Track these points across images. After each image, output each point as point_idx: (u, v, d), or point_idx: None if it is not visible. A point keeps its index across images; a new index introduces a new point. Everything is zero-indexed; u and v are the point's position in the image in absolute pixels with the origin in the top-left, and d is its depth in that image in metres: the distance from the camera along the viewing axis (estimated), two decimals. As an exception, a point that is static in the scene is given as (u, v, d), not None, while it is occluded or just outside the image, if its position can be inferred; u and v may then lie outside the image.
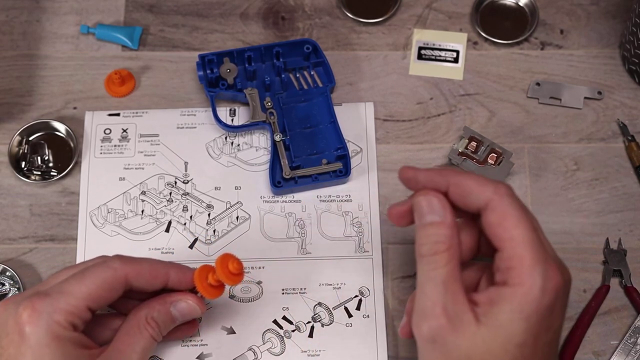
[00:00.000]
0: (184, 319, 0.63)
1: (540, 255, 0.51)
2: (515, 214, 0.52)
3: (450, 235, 0.54)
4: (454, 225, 0.54)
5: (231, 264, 0.59)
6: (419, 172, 0.57)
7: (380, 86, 0.78)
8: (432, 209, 0.55)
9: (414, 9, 0.81)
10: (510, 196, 0.53)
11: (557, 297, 0.51)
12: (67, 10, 0.81)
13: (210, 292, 0.61)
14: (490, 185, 0.53)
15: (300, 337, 0.69)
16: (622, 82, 0.78)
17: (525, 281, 0.50)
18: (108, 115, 0.76)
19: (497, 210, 0.52)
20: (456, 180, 0.55)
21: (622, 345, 0.69)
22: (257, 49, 0.76)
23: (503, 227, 0.52)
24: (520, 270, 0.51)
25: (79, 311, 0.56)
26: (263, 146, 0.75)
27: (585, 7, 0.81)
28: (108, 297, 0.58)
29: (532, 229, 0.52)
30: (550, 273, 0.51)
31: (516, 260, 0.51)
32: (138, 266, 0.60)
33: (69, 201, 0.73)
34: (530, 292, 0.50)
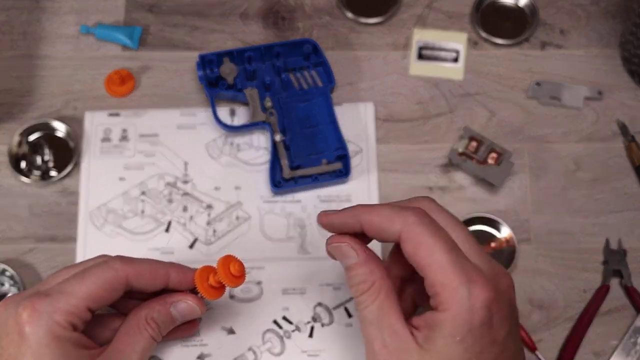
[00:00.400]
0: (183, 319, 0.63)
1: (461, 276, 0.51)
2: (428, 240, 0.52)
3: (369, 272, 0.54)
4: (370, 260, 0.55)
5: (232, 266, 0.59)
6: (332, 217, 0.57)
7: (380, 86, 0.78)
8: (343, 254, 0.56)
9: (414, 9, 0.81)
10: (420, 224, 0.53)
11: (490, 311, 0.51)
12: (67, 10, 0.81)
13: (211, 293, 0.61)
14: (398, 217, 0.53)
15: (300, 337, 0.69)
16: (622, 82, 0.78)
17: (451, 305, 0.50)
18: (108, 115, 0.76)
19: (408, 241, 0.52)
20: (365, 219, 0.55)
21: (622, 345, 0.69)
22: (257, 49, 0.76)
23: (418, 257, 0.52)
24: (444, 296, 0.51)
25: (79, 311, 0.56)
26: (263, 146, 0.75)
27: (585, 7, 0.81)
28: (108, 297, 0.58)
29: (448, 250, 0.52)
30: (476, 290, 0.50)
31: (438, 286, 0.51)
32: (138, 267, 0.60)
33: (69, 201, 0.73)
34: (458, 315, 0.50)
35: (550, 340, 0.69)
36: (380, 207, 0.55)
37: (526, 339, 0.69)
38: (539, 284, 0.71)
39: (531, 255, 0.72)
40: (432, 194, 0.74)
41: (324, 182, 0.73)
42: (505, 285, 0.53)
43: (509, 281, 0.54)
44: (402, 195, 0.74)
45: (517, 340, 0.54)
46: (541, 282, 0.71)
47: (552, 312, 0.70)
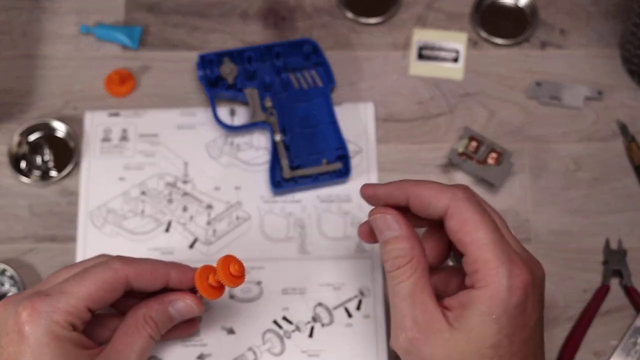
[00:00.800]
0: (182, 318, 0.63)
1: (503, 255, 0.51)
2: (474, 217, 0.52)
3: (409, 248, 0.54)
4: (412, 236, 0.55)
5: (232, 266, 0.59)
6: (377, 189, 0.57)
7: (380, 86, 0.78)
8: (387, 225, 0.56)
9: (414, 9, 0.81)
10: (467, 200, 0.53)
11: (527, 294, 0.51)
12: (67, 10, 0.81)
13: (211, 292, 0.61)
14: (447, 192, 0.54)
15: (300, 337, 0.69)
16: (622, 82, 0.78)
17: (490, 283, 0.51)
18: (108, 115, 0.76)
19: (456, 216, 0.53)
20: (413, 191, 0.55)
21: (622, 345, 0.69)
22: (257, 49, 0.76)
23: (464, 232, 0.52)
24: (484, 273, 0.51)
25: (78, 311, 0.56)
26: (263, 146, 0.75)
27: (585, 7, 0.81)
28: (108, 297, 0.58)
29: (493, 230, 0.52)
30: (516, 271, 0.51)
31: (480, 263, 0.51)
32: (139, 267, 0.60)
33: (69, 201, 0.73)
34: (496, 293, 0.50)
35: (550, 340, 0.69)
36: (428, 181, 0.55)
37: (526, 339, 0.69)
38: (539, 284, 0.71)
39: (531, 255, 0.72)
40: (432, 194, 0.74)
41: (324, 182, 0.73)
42: (539, 272, 0.54)
43: (543, 271, 0.55)
44: (402, 195, 0.74)
45: (542, 330, 0.54)
46: (541, 282, 0.71)
47: (552, 312, 0.70)
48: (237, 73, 0.76)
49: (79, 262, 0.62)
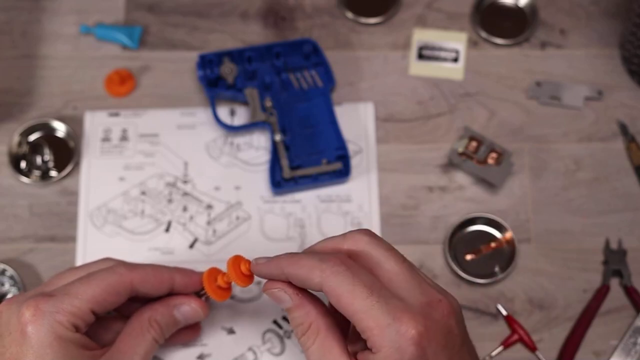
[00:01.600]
0: (186, 322, 0.63)
1: (384, 319, 0.51)
2: (346, 288, 0.52)
3: (304, 314, 0.54)
4: (304, 302, 0.55)
5: (243, 265, 0.59)
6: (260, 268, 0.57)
7: (380, 86, 0.78)
8: (278, 299, 0.56)
9: (414, 9, 0.81)
10: (337, 273, 0.52)
11: (421, 346, 0.50)
12: (67, 10, 0.81)
13: (219, 294, 0.61)
14: (316, 269, 0.53)
15: (300, 337, 0.69)
16: (622, 82, 0.78)
17: (381, 347, 0.51)
18: (108, 115, 0.76)
19: (331, 292, 0.52)
20: (288, 272, 0.55)
21: (622, 345, 0.69)
22: (257, 49, 0.76)
23: (342, 308, 0.52)
24: (373, 340, 0.51)
25: (82, 313, 0.57)
26: (263, 146, 0.75)
27: (585, 7, 0.81)
28: (112, 301, 0.59)
29: (367, 295, 0.51)
30: (403, 328, 0.50)
31: (367, 331, 0.51)
32: (143, 272, 0.60)
33: (68, 201, 0.73)
34: (388, 356, 0.50)
35: (550, 340, 0.69)
36: (302, 258, 0.54)
37: (526, 339, 0.69)
38: (539, 284, 0.71)
39: (531, 255, 0.72)
40: (432, 194, 0.74)
41: (324, 182, 0.73)
42: (440, 314, 0.52)
43: (446, 308, 0.53)
44: (402, 195, 0.74)
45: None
46: (541, 282, 0.71)
47: (552, 312, 0.70)
48: (237, 73, 0.76)
49: (83, 265, 0.62)
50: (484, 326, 0.70)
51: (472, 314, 0.70)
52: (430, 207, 0.74)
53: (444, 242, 0.72)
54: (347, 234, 0.56)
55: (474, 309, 0.70)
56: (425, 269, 0.71)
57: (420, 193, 0.74)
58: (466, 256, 0.72)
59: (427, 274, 0.70)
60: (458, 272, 0.70)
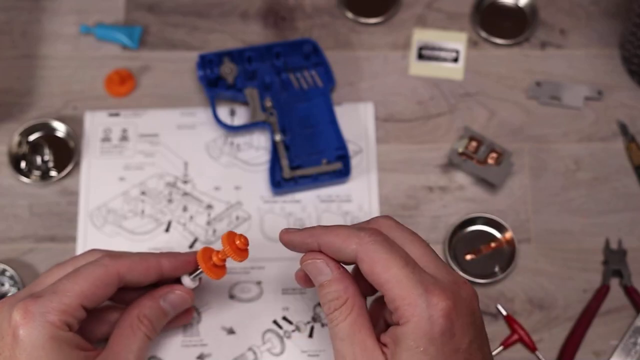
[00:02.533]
0: (175, 311, 0.63)
1: (417, 288, 0.51)
2: (382, 257, 0.53)
3: (343, 289, 0.55)
4: (344, 277, 0.55)
5: (238, 239, 0.59)
6: (293, 236, 0.58)
7: (380, 86, 0.78)
8: (318, 270, 0.56)
9: (414, 9, 0.81)
10: (374, 242, 0.53)
11: (451, 320, 0.51)
12: (67, 10, 0.81)
13: (215, 272, 0.61)
14: (353, 237, 0.54)
15: (300, 337, 0.69)
16: (622, 82, 0.78)
17: (411, 317, 0.51)
18: (108, 115, 0.76)
19: (365, 260, 0.53)
20: (323, 239, 0.56)
21: (622, 345, 0.69)
22: (257, 49, 0.76)
23: (375, 275, 0.53)
24: (403, 309, 0.51)
25: (72, 310, 0.56)
26: (263, 146, 0.75)
27: (585, 7, 0.81)
28: (102, 294, 0.58)
29: (404, 265, 0.52)
30: (434, 300, 0.51)
31: (398, 300, 0.52)
32: (129, 261, 0.60)
33: (68, 201, 0.74)
34: (418, 327, 0.51)
35: (550, 340, 0.69)
36: (337, 227, 0.56)
37: (526, 339, 0.69)
38: (539, 284, 0.71)
39: (531, 255, 0.72)
40: (432, 194, 0.74)
41: (324, 182, 0.73)
42: (466, 293, 0.54)
43: (471, 290, 0.54)
44: (402, 195, 0.74)
45: (482, 349, 0.54)
46: (541, 282, 0.71)
47: (552, 312, 0.70)
48: (237, 73, 0.76)
49: (69, 259, 0.62)
50: (484, 326, 0.70)
51: (472, 314, 0.70)
52: (430, 207, 0.74)
53: (444, 242, 0.72)
54: (371, 219, 0.57)
55: (474, 309, 0.70)
56: (425, 269, 0.71)
57: (420, 193, 0.74)
58: (466, 256, 0.72)
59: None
60: (458, 272, 0.70)
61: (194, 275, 0.63)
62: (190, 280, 0.63)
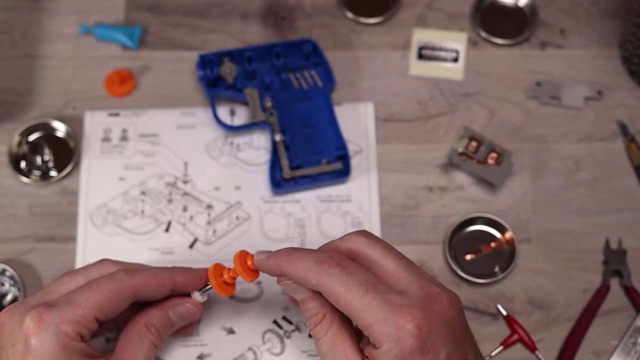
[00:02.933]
0: (183, 322, 0.63)
1: (382, 314, 0.52)
2: (342, 290, 0.53)
3: (319, 305, 0.55)
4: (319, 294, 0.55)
5: (250, 259, 0.60)
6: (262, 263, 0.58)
7: (380, 86, 0.78)
8: (294, 289, 0.56)
9: (414, 9, 0.81)
10: (332, 275, 0.53)
11: (421, 338, 0.51)
12: (67, 10, 0.81)
13: (225, 289, 0.62)
14: (311, 272, 0.54)
15: (300, 337, 0.69)
16: (622, 82, 0.78)
17: (382, 342, 0.52)
18: (108, 115, 0.76)
19: (328, 294, 0.53)
20: (286, 271, 0.56)
21: (622, 345, 0.69)
22: (257, 49, 0.76)
23: (340, 306, 0.53)
24: (374, 336, 0.52)
25: (86, 322, 0.56)
26: (263, 146, 0.75)
27: (585, 7, 0.81)
28: (115, 308, 0.58)
29: (363, 294, 0.52)
30: (401, 322, 0.51)
31: (368, 328, 0.52)
32: (144, 277, 0.60)
33: (69, 201, 0.73)
34: (390, 350, 0.51)
35: (550, 340, 0.69)
36: (297, 260, 0.55)
37: (526, 339, 0.69)
38: (539, 284, 0.71)
39: (531, 255, 0.72)
40: (432, 194, 0.74)
41: (324, 182, 0.73)
42: (440, 306, 0.53)
43: (446, 301, 0.54)
44: (402, 195, 0.74)
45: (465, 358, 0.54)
46: (541, 282, 0.71)
47: (552, 312, 0.70)
48: (237, 73, 0.76)
49: (81, 268, 0.62)
50: (484, 326, 0.70)
51: (472, 314, 0.70)
52: (430, 207, 0.74)
53: (444, 242, 0.72)
54: (345, 236, 0.57)
55: (474, 309, 0.70)
56: (425, 268, 0.71)
57: (420, 193, 0.74)
58: (466, 256, 0.72)
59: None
60: (458, 272, 0.70)
61: (204, 291, 0.63)
62: (200, 295, 0.63)
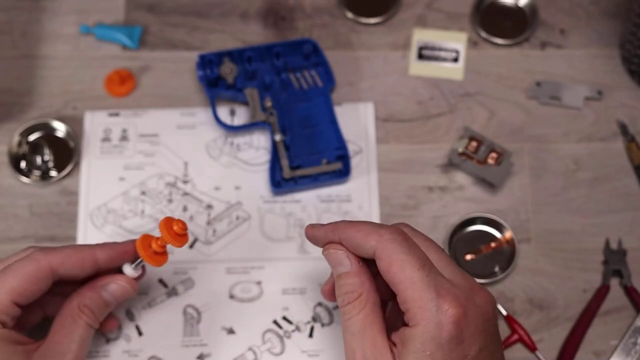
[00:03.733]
0: (117, 300, 0.62)
1: (429, 293, 0.52)
2: (400, 257, 0.53)
3: (359, 283, 0.55)
4: (362, 272, 0.56)
5: (175, 224, 0.59)
6: (316, 230, 0.58)
7: (380, 86, 0.78)
8: (338, 261, 0.56)
9: (414, 9, 0.81)
10: (393, 241, 0.54)
11: (460, 327, 0.51)
12: (67, 10, 0.81)
13: (156, 259, 0.61)
14: (374, 234, 0.54)
15: (300, 337, 0.69)
16: (622, 82, 0.78)
17: (420, 321, 0.51)
18: (108, 115, 0.76)
19: (383, 257, 0.53)
20: (345, 234, 0.56)
21: (622, 345, 0.69)
22: (257, 49, 0.76)
23: (391, 273, 0.53)
24: (414, 311, 0.52)
25: (5, 307, 0.55)
26: (263, 146, 0.75)
27: (585, 7, 0.81)
28: (35, 289, 0.57)
29: (419, 267, 0.52)
30: (445, 306, 0.51)
31: (409, 302, 0.52)
32: (61, 254, 0.59)
33: (68, 201, 0.73)
34: (427, 331, 0.51)
35: (550, 340, 0.69)
36: (360, 223, 0.56)
37: (526, 339, 0.69)
38: (539, 284, 0.71)
39: (531, 255, 0.72)
40: (432, 194, 0.74)
41: (324, 182, 0.73)
42: (480, 300, 0.54)
43: (487, 297, 0.54)
44: (402, 195, 0.74)
45: (494, 355, 0.54)
46: (541, 282, 0.71)
47: (552, 312, 0.70)
48: (237, 73, 0.76)
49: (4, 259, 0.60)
50: (484, 326, 0.70)
51: (472, 314, 0.70)
52: (430, 207, 0.74)
53: (444, 242, 0.72)
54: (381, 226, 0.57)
55: (474, 309, 0.70)
56: (425, 269, 0.71)
57: (420, 193, 0.74)
58: (466, 256, 0.72)
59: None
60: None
61: (135, 264, 0.62)
62: (132, 269, 0.62)
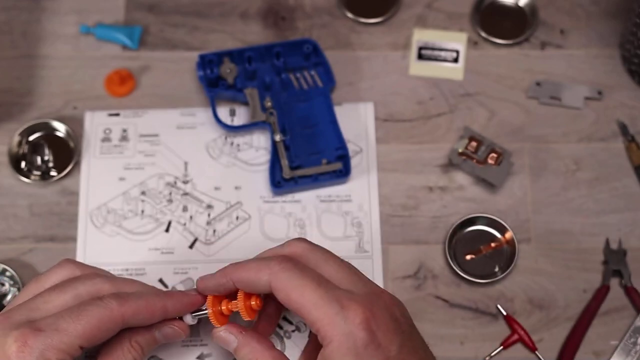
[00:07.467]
0: (167, 341, 0.62)
1: (332, 307, 0.52)
2: (295, 283, 0.54)
3: (250, 352, 0.57)
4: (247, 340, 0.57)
5: (254, 300, 0.59)
6: (207, 281, 0.59)
7: (380, 86, 0.78)
8: (224, 341, 0.58)
9: (414, 9, 0.81)
10: (285, 269, 0.54)
11: (371, 330, 0.52)
12: (67, 10, 0.81)
13: (219, 319, 0.61)
14: (264, 268, 0.55)
15: (300, 337, 0.69)
16: (622, 82, 0.78)
17: (332, 337, 0.52)
18: (108, 115, 0.76)
19: (280, 288, 0.54)
20: (236, 276, 0.57)
21: (622, 345, 0.69)
22: (257, 49, 0.76)
23: (292, 301, 0.54)
24: (324, 330, 0.52)
25: (71, 350, 0.56)
26: (263, 146, 0.75)
27: (585, 7, 0.81)
28: (102, 336, 0.57)
29: (316, 287, 0.53)
30: (351, 315, 0.52)
31: (318, 323, 0.53)
32: (135, 305, 0.58)
33: (68, 201, 0.73)
34: (341, 344, 0.52)
35: (550, 340, 0.69)
36: (247, 262, 0.57)
37: (526, 339, 0.69)
38: (539, 284, 0.71)
39: (531, 255, 0.72)
40: (432, 194, 0.74)
41: (324, 182, 0.73)
42: (384, 302, 0.54)
43: (389, 298, 0.55)
44: (402, 195, 0.74)
45: (417, 352, 0.54)
46: (541, 282, 0.71)
47: (552, 312, 0.70)
48: (237, 73, 0.76)
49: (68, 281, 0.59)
50: (484, 326, 0.70)
51: (472, 314, 0.70)
52: (430, 207, 0.74)
53: (444, 242, 0.72)
54: (285, 243, 0.59)
55: (474, 309, 0.70)
56: (425, 269, 0.71)
57: (420, 193, 0.74)
58: (466, 256, 0.72)
59: (427, 274, 0.71)
60: (458, 272, 0.70)
61: (197, 315, 0.62)
62: (192, 318, 0.62)
